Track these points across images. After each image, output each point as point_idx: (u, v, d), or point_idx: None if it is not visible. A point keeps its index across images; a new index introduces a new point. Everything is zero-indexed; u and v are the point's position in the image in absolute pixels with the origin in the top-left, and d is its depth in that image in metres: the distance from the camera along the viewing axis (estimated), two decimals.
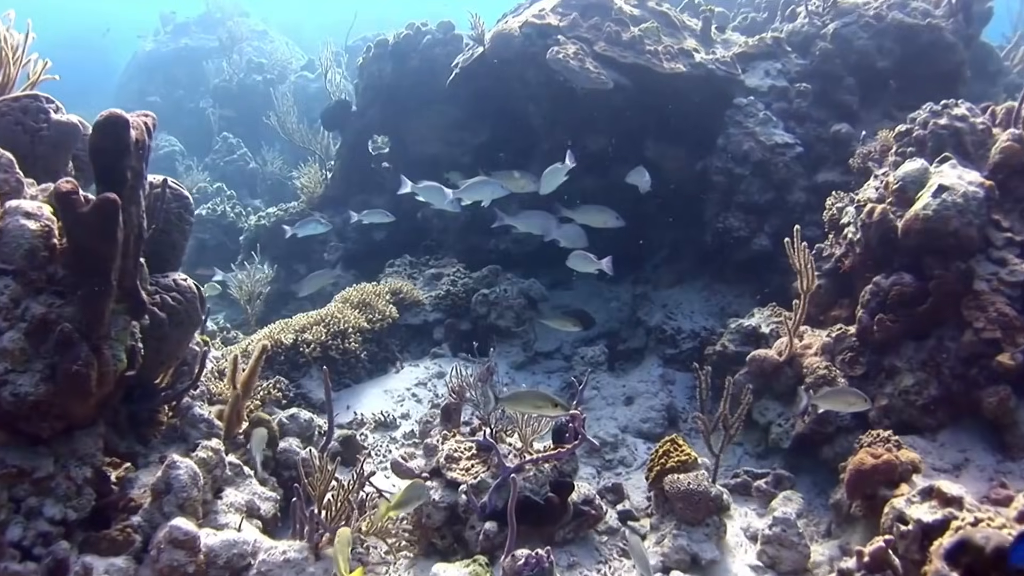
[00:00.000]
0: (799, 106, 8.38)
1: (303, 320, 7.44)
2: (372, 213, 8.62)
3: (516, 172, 7.47)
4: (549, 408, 4.76)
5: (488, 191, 7.26)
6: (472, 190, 7.33)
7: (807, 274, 5.93)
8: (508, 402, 4.92)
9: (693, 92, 8.24)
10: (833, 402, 5.17)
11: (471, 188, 7.33)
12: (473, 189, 7.33)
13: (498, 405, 5.06)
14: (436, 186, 7.61)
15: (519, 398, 4.88)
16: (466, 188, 7.33)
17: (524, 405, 4.89)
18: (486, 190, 7.27)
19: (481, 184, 7.28)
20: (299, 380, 7.18)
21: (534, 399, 4.80)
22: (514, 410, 5.10)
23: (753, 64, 8.70)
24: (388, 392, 7.27)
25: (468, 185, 7.34)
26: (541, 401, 4.78)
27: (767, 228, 7.96)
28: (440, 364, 7.69)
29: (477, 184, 7.30)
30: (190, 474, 4.56)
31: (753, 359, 6.24)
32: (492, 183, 7.21)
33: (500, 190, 7.20)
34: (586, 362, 7.24)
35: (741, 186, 7.94)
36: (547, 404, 4.75)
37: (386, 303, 7.80)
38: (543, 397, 4.82)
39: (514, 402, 4.90)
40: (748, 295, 8.11)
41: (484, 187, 7.27)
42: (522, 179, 7.27)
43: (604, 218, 7.32)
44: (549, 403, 4.74)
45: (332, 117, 10.79)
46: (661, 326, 7.77)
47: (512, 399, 4.90)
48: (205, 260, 11.87)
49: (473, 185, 7.32)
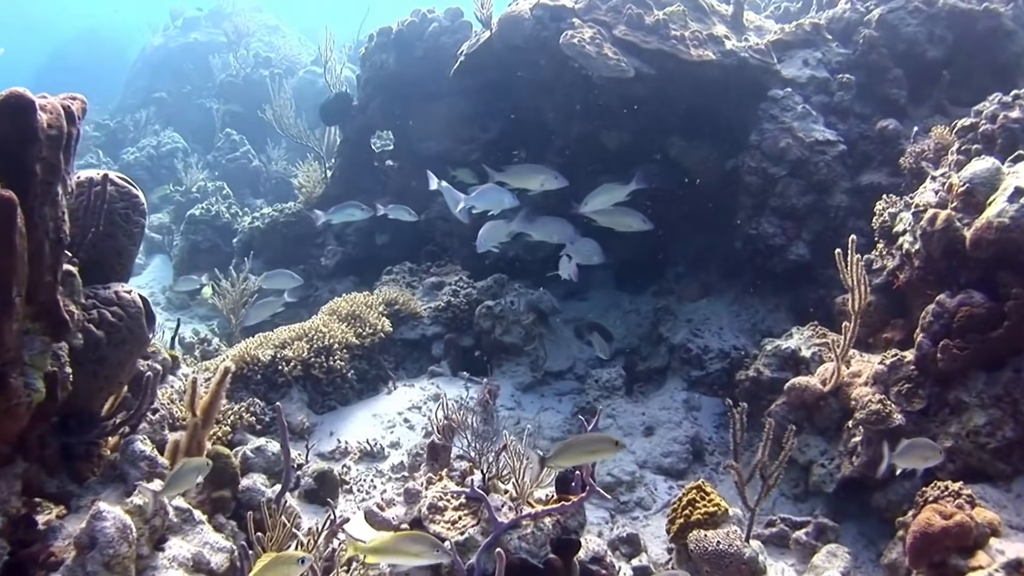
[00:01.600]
0: (841, 99, 7.51)
1: (284, 334, 6.68)
2: (397, 209, 7.86)
3: (533, 168, 6.69)
4: (608, 450, 3.99)
5: (498, 200, 6.47)
6: (482, 198, 6.54)
7: (860, 291, 5.08)
8: (558, 459, 4.13)
9: (723, 83, 7.40)
10: (915, 458, 4.30)
11: (481, 196, 6.54)
12: (483, 197, 6.53)
13: (548, 464, 4.27)
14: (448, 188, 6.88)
15: (569, 451, 4.04)
16: (476, 196, 6.54)
17: (578, 455, 4.05)
18: (495, 199, 6.48)
19: (492, 192, 6.47)
20: (277, 402, 6.41)
21: (587, 445, 3.99)
22: (567, 465, 4.37)
23: (790, 53, 7.84)
24: (377, 416, 6.50)
25: (478, 192, 6.55)
26: (597, 444, 3.99)
27: (805, 235, 7.11)
28: (438, 384, 6.90)
29: (488, 192, 6.50)
30: (118, 526, 3.79)
31: (792, 388, 5.39)
32: (504, 193, 6.42)
33: (511, 200, 6.40)
34: (600, 386, 6.42)
35: (777, 188, 7.09)
36: (605, 446, 3.97)
37: (378, 316, 7.02)
38: (597, 440, 4.02)
39: (565, 457, 4.07)
40: (783, 310, 7.28)
41: (494, 196, 6.47)
42: (541, 176, 6.48)
43: (629, 221, 6.53)
44: (608, 444, 3.95)
45: (332, 111, 10.03)
46: (686, 344, 6.94)
47: (562, 454, 4.10)
48: (198, 264, 11.20)
49: (484, 193, 6.53)
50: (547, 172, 6.55)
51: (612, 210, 6.58)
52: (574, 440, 4.02)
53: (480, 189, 6.57)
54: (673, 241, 8.39)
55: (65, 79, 27.37)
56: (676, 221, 8.03)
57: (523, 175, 6.66)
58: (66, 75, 27.49)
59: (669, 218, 7.80)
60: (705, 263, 8.12)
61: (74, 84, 14.15)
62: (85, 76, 25.68)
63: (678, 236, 8.33)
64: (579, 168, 7.57)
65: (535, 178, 6.57)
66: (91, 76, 25.67)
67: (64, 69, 29.31)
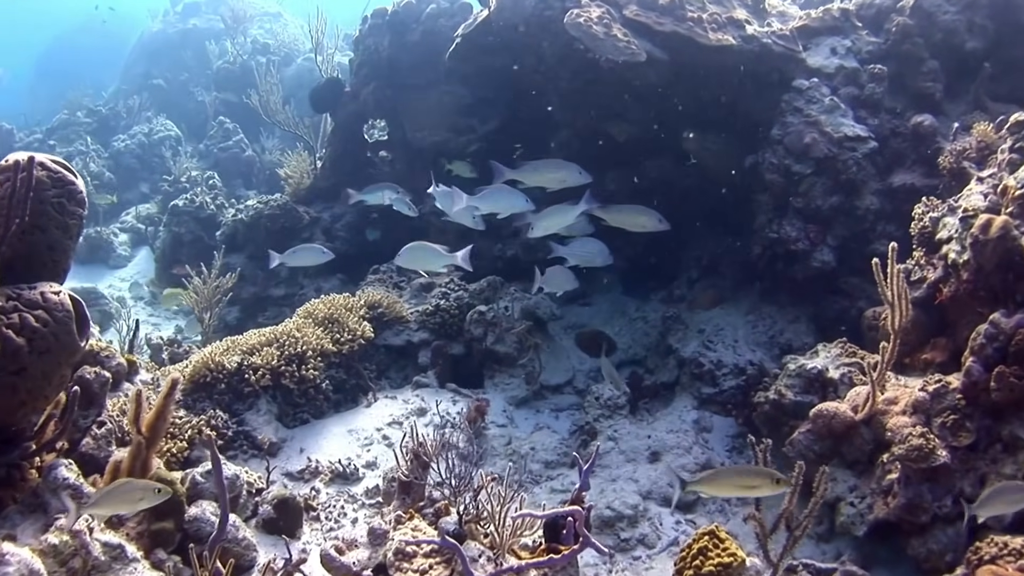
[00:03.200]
0: (872, 92, 6.85)
1: (253, 339, 6.06)
2: (401, 201, 7.20)
3: (551, 163, 5.99)
4: (766, 486, 3.52)
5: (508, 203, 5.79)
6: (491, 199, 5.85)
7: (901, 307, 4.43)
8: (703, 486, 3.63)
9: (743, 71, 6.74)
10: (1003, 503, 3.64)
11: (490, 197, 5.85)
12: (492, 198, 5.85)
13: (687, 491, 3.65)
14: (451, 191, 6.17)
15: (718, 480, 3.59)
16: (484, 196, 5.85)
17: (728, 487, 3.63)
18: (506, 201, 5.80)
19: (502, 193, 5.80)
20: (243, 414, 5.81)
21: (742, 478, 3.54)
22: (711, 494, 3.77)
23: (816, 40, 7.17)
24: (353, 432, 5.87)
25: (486, 192, 5.85)
26: (754, 480, 3.52)
27: (831, 240, 6.46)
28: (423, 397, 6.27)
29: (497, 193, 5.82)
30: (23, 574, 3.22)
31: (819, 415, 4.73)
32: (515, 194, 5.72)
33: (523, 203, 5.72)
34: (601, 404, 5.76)
35: (800, 187, 6.43)
36: (763, 482, 3.50)
37: (359, 320, 6.38)
38: (754, 474, 3.55)
39: (712, 486, 3.61)
40: (804, 321, 6.63)
41: (505, 197, 5.80)
42: (561, 172, 5.81)
43: (644, 220, 5.88)
44: (766, 480, 3.49)
45: (322, 98, 9.39)
46: (697, 358, 6.28)
47: (709, 482, 3.61)
48: (180, 258, 10.60)
49: (492, 193, 5.84)
50: (568, 167, 5.80)
51: (624, 208, 5.94)
52: (726, 470, 3.50)
53: (488, 189, 5.87)
54: (685, 243, 7.75)
55: (69, 65, 26.98)
56: (688, 222, 7.38)
57: (540, 172, 5.89)
58: (70, 61, 27.01)
59: (681, 218, 7.15)
60: (719, 268, 7.46)
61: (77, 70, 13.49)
62: (90, 62, 25.13)
63: (690, 238, 7.68)
64: (585, 162, 6.87)
65: (554, 175, 5.82)
66: (96, 62, 25.06)
67: (68, 54, 28.74)
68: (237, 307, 9.50)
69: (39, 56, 30.79)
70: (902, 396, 4.57)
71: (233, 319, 9.48)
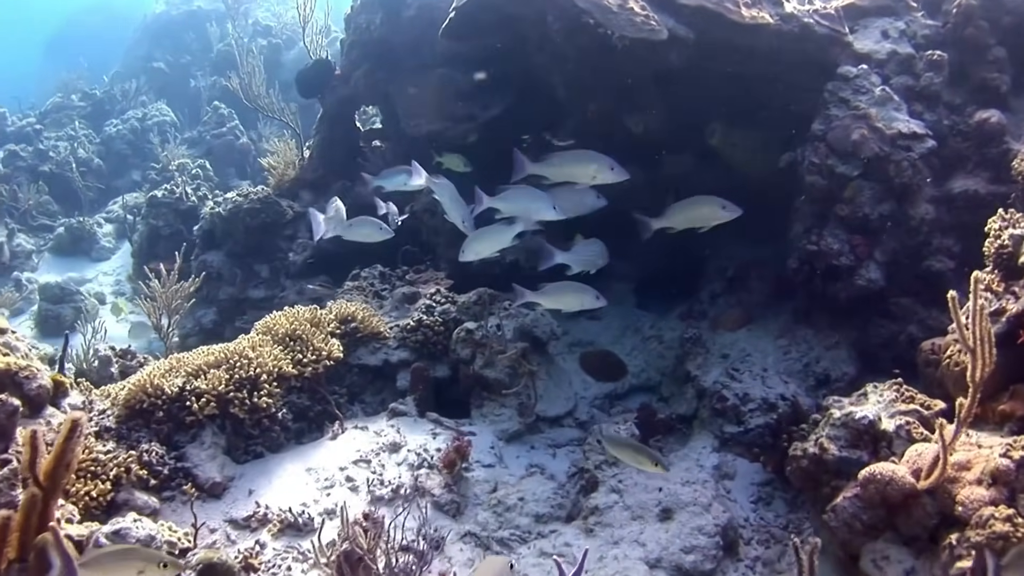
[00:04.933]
0: (930, 83, 5.89)
1: (200, 358, 5.19)
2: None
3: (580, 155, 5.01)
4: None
5: (533, 207, 4.84)
6: (512, 201, 4.91)
7: (984, 354, 3.48)
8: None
9: (780, 54, 5.78)
10: None
11: (512, 198, 4.91)
12: (514, 200, 4.91)
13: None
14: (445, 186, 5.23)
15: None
16: (504, 197, 4.91)
17: None
18: (530, 205, 4.86)
19: (526, 196, 4.86)
20: (184, 447, 4.95)
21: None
22: None
23: (865, 22, 6.21)
24: (313, 472, 4.99)
25: (508, 194, 4.90)
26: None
27: (879, 255, 5.52)
28: (399, 428, 5.37)
29: (520, 195, 4.89)
30: None
31: (872, 479, 3.79)
32: (542, 199, 4.79)
33: (549, 209, 4.78)
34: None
35: (846, 192, 5.49)
36: None
37: (326, 337, 5.50)
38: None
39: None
40: (845, 348, 5.73)
41: (529, 201, 4.85)
42: (592, 165, 4.88)
43: (709, 212, 5.01)
44: None
45: (309, 81, 8.50)
46: (720, 391, 5.36)
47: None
48: (158, 253, 9.81)
49: (514, 195, 4.90)
50: (600, 160, 4.87)
51: (690, 202, 5.04)
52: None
53: (511, 189, 4.92)
54: (709, 252, 6.82)
55: (76, 47, 26.31)
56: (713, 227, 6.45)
57: (568, 165, 4.96)
58: (77, 43, 26.41)
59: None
60: (747, 282, 6.52)
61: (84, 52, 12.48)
62: (97, 45, 24.44)
63: (715, 246, 6.75)
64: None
65: (585, 168, 4.88)
66: (104, 43, 24.37)
67: (76, 37, 28.17)
68: (214, 309, 8.72)
69: (49, 38, 30.25)
70: (976, 461, 3.63)
71: (210, 322, 8.70)
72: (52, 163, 13.33)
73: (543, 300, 4.93)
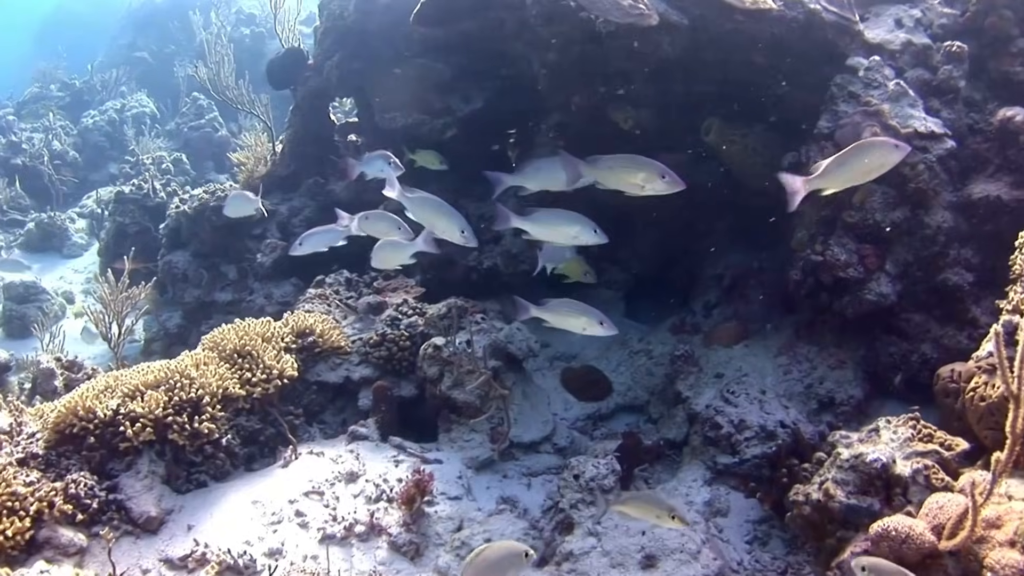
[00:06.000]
0: (948, 76, 5.35)
1: (138, 377, 4.67)
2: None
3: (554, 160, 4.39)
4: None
5: (571, 231, 4.16)
6: (546, 222, 4.25)
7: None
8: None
9: (783, 44, 5.24)
10: None
11: (545, 220, 4.25)
12: (548, 223, 4.25)
13: None
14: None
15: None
16: (535, 219, 4.24)
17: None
18: (568, 230, 4.17)
19: (563, 219, 4.19)
20: (118, 476, 4.44)
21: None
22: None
23: (877, 10, 5.67)
24: (260, 504, 4.47)
25: (539, 216, 4.24)
26: None
27: (890, 267, 4.99)
28: (358, 454, 4.85)
29: (555, 218, 4.23)
30: None
31: (885, 535, 3.25)
32: (582, 222, 4.12)
33: (591, 233, 4.10)
34: (582, 485, 4.28)
35: (855, 196, 4.95)
36: None
37: (279, 353, 4.98)
38: None
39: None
40: (851, 368, 5.21)
41: (567, 225, 4.16)
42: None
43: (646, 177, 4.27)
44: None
45: (280, 72, 7.98)
46: (713, 416, 4.82)
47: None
48: (124, 251, 9.27)
49: (548, 217, 4.25)
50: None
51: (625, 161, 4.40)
52: None
53: (544, 212, 4.26)
54: (703, 258, 6.30)
55: (66, 36, 25.76)
56: (708, 231, 5.94)
57: (544, 172, 4.42)
58: (68, 30, 25.91)
59: (699, 226, 5.73)
60: (744, 291, 5.99)
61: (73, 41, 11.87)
62: (87, 33, 23.91)
63: (709, 252, 6.23)
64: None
65: (561, 175, 4.28)
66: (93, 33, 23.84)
67: (67, 24, 27.65)
68: (179, 312, 8.24)
69: (38, 27, 29.71)
70: (1008, 517, 3.11)
71: (175, 326, 8.25)
72: (25, 156, 12.81)
73: (547, 316, 4.37)
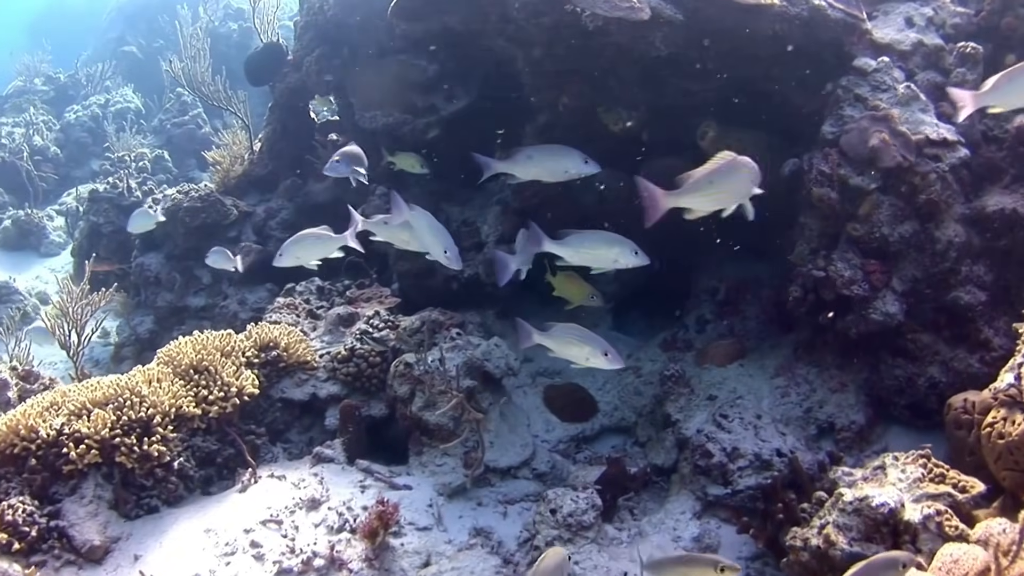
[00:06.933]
0: (962, 79, 5.00)
1: (86, 393, 4.33)
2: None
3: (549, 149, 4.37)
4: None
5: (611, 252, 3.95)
6: (583, 245, 4.00)
7: None
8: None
9: (785, 43, 4.88)
10: None
11: (582, 242, 4.00)
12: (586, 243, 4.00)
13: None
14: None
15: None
16: (569, 242, 4.00)
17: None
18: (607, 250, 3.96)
19: (603, 241, 3.99)
20: (61, 501, 4.11)
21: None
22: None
23: (886, 7, 5.31)
24: (212, 533, 4.12)
25: (576, 238, 4.01)
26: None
27: (897, 283, 4.64)
28: (322, 478, 4.50)
29: (594, 239, 4.01)
30: None
31: None
32: (623, 244, 3.91)
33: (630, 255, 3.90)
34: (559, 522, 3.92)
35: (861, 208, 4.60)
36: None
37: (238, 369, 4.63)
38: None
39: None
40: (853, 391, 4.87)
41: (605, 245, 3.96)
42: (563, 161, 4.24)
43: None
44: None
45: (258, 67, 7.63)
46: (704, 443, 4.47)
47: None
48: (97, 252, 8.95)
49: (585, 239, 4.01)
50: (570, 155, 4.22)
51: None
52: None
53: (582, 234, 4.03)
54: (696, 270, 5.95)
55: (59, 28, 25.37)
56: (702, 241, 5.58)
57: (537, 161, 4.29)
58: (63, 22, 25.54)
59: (692, 236, 5.37)
60: (740, 306, 5.63)
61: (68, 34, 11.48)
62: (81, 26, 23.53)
63: (704, 263, 5.89)
64: None
65: (556, 164, 4.24)
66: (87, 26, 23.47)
67: (61, 16, 27.27)
68: (151, 316, 7.90)
69: (32, 20, 29.34)
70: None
71: (146, 331, 7.92)
72: (5, 151, 12.45)
73: (550, 344, 4.04)
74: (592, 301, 4.91)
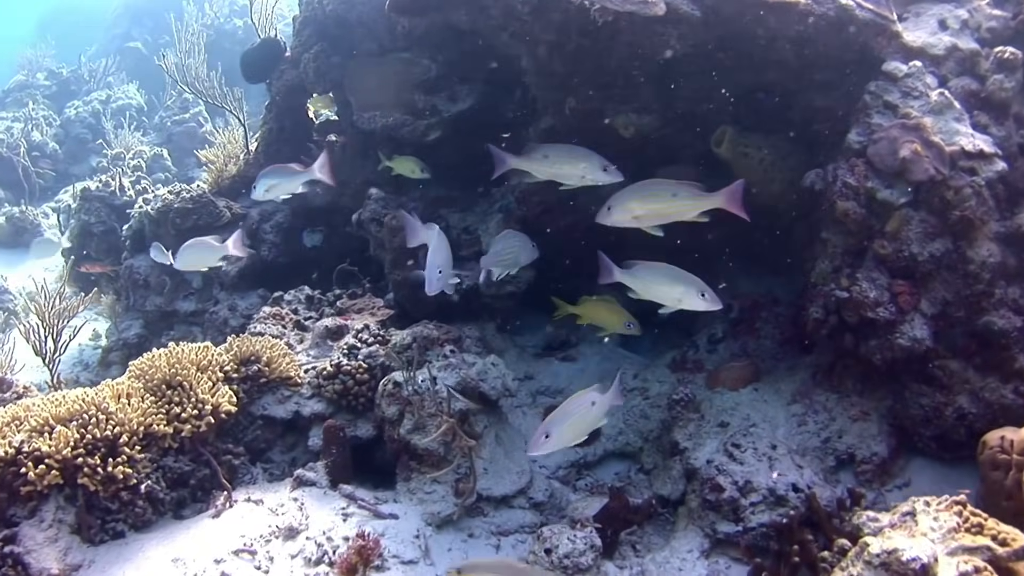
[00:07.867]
0: (999, 87, 4.63)
1: (50, 408, 4.02)
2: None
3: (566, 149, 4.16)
4: None
5: (675, 291, 3.81)
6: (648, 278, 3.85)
7: None
8: None
9: (810, 45, 4.55)
10: None
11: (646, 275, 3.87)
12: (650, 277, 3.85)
13: None
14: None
15: None
16: (634, 273, 3.89)
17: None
18: (671, 289, 3.82)
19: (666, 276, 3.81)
20: (19, 524, 3.81)
21: None
22: None
23: (917, 9, 4.95)
24: (180, 563, 3.80)
25: (638, 270, 3.90)
26: None
27: (927, 306, 4.29)
28: (302, 504, 4.19)
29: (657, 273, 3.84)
30: None
31: None
32: (687, 280, 3.78)
33: (696, 299, 3.78)
34: (555, 563, 3.61)
35: (889, 224, 4.25)
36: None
37: (215, 385, 4.31)
38: None
39: None
40: (876, 421, 4.52)
41: (670, 282, 3.81)
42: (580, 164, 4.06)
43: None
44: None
45: (255, 64, 7.31)
46: (714, 476, 4.13)
47: None
48: (89, 252, 8.71)
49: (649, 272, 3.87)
50: (589, 158, 4.06)
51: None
52: None
53: (643, 265, 3.86)
54: (709, 285, 5.59)
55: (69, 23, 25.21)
56: (715, 255, 5.25)
57: (554, 161, 4.14)
58: (69, 20, 25.36)
59: (706, 249, 5.04)
60: (756, 326, 5.28)
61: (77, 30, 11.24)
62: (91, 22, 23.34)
63: (717, 278, 5.52)
64: None
65: (572, 168, 4.08)
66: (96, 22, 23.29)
67: (70, 12, 27.11)
68: (140, 321, 7.60)
69: (41, 20, 29.23)
70: None
71: (134, 336, 7.61)
72: (2, 146, 12.19)
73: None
74: (629, 330, 4.60)
